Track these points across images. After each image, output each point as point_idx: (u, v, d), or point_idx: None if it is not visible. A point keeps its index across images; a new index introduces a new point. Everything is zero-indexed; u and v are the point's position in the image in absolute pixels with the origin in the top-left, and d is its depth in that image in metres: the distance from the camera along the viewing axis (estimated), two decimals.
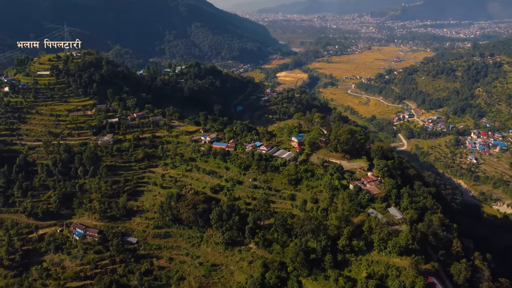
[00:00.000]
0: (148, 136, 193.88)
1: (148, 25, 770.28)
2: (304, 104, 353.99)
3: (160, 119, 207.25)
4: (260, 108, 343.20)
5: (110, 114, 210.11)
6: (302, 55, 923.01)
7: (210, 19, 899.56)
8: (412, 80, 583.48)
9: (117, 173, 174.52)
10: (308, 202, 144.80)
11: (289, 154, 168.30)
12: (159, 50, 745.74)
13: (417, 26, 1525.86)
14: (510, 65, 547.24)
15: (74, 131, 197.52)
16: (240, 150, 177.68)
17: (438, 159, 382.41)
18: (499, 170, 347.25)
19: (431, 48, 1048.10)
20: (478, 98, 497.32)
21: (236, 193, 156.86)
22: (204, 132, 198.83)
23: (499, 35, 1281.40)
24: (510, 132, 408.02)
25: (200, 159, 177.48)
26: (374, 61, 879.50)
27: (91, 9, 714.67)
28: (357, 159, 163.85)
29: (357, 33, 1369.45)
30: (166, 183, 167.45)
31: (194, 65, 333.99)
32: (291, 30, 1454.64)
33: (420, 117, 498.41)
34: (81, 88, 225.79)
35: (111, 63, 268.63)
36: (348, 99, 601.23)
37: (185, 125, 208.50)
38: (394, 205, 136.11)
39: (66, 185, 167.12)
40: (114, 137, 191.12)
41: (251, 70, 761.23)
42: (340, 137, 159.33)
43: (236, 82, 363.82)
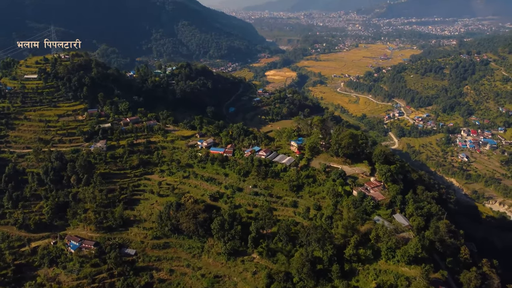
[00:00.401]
0: (143, 142, 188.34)
1: (135, 24, 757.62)
2: (296, 104, 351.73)
3: (154, 124, 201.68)
4: (252, 109, 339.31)
5: (102, 119, 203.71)
6: (290, 53, 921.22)
7: (197, 17, 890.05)
8: (401, 78, 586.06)
9: (111, 181, 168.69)
10: (311, 209, 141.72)
11: (289, 159, 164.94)
12: (146, 49, 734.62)
13: (403, 23, 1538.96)
14: (496, 62, 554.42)
15: (65, 138, 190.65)
16: (238, 155, 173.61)
17: (430, 157, 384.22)
18: (490, 168, 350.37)
19: (417, 45, 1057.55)
20: (467, 96, 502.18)
21: (236, 201, 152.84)
22: (200, 136, 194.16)
23: (483, 32, 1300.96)
24: (499, 129, 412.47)
25: (197, 165, 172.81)
26: (361, 58, 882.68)
27: (75, 8, 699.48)
28: (359, 163, 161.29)
29: (343, 30, 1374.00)
30: (163, 191, 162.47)
31: (185, 65, 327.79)
32: (278, 27, 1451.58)
33: (410, 115, 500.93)
34: (70, 92, 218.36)
35: (100, 65, 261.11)
36: (337, 98, 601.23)
37: (180, 130, 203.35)
38: (399, 212, 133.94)
39: (58, 194, 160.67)
40: (107, 143, 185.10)
41: (240, 69, 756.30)
42: (341, 142, 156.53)
43: (228, 83, 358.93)
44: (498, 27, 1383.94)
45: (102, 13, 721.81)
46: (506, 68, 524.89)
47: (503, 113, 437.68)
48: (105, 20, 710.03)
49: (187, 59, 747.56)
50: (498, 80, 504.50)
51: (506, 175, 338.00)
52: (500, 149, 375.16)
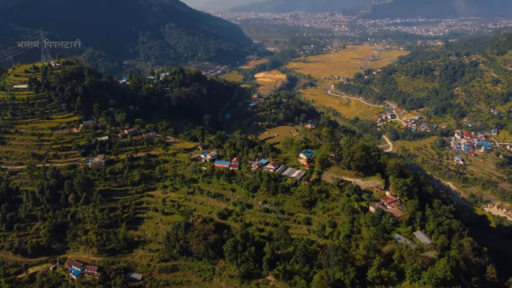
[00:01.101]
0: (143, 156, 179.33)
1: (121, 26, 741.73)
2: (292, 109, 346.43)
3: (153, 136, 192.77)
4: (248, 115, 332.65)
5: (98, 132, 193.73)
6: (279, 55, 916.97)
7: (184, 19, 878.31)
8: (391, 80, 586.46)
9: (112, 198, 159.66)
10: (327, 227, 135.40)
11: (299, 173, 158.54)
12: (133, 52, 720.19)
13: (388, 24, 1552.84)
14: (485, 64, 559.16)
15: (60, 152, 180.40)
16: (245, 169, 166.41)
17: (426, 161, 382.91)
18: (486, 171, 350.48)
19: (404, 46, 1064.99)
20: (458, 97, 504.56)
21: (246, 218, 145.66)
22: (203, 148, 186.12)
23: (466, 32, 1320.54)
24: (492, 131, 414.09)
25: (202, 180, 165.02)
26: (350, 60, 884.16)
27: (59, 10, 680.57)
28: (371, 176, 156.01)
29: (330, 31, 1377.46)
30: (167, 208, 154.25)
31: (178, 71, 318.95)
32: (264, 29, 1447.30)
33: (402, 117, 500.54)
34: (63, 103, 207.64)
35: (93, 72, 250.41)
36: (329, 100, 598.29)
37: (182, 141, 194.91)
38: (419, 229, 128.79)
39: (56, 214, 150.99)
40: (106, 158, 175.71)
41: (229, 72, 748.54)
42: (354, 154, 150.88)
43: (222, 88, 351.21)
44: (481, 28, 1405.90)
45: (87, 16, 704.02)
46: (495, 69, 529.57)
47: (495, 114, 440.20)
48: (90, 23, 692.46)
49: (175, 62, 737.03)
50: (488, 81, 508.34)
51: (503, 178, 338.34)
52: (495, 151, 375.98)
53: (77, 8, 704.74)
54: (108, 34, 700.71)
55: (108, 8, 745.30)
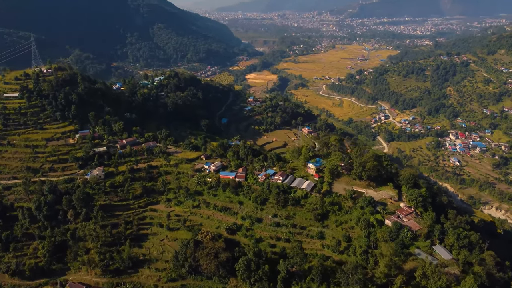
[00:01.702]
0: (144, 167, 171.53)
1: (108, 28, 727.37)
2: (289, 112, 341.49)
3: (154, 145, 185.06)
4: (245, 119, 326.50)
5: (96, 142, 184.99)
6: (269, 55, 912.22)
7: (173, 19, 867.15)
8: (383, 80, 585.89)
9: (113, 214, 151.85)
10: (342, 241, 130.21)
11: (308, 184, 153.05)
12: (121, 54, 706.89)
13: (375, 23, 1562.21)
14: (476, 64, 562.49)
15: (57, 165, 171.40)
16: (252, 180, 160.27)
17: (422, 162, 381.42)
18: (482, 172, 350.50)
19: (392, 45, 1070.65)
20: (450, 97, 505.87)
21: (256, 233, 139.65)
22: (206, 158, 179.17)
23: (452, 31, 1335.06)
24: (486, 131, 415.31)
25: (207, 193, 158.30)
26: (340, 60, 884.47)
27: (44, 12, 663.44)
28: (383, 186, 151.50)
29: (318, 31, 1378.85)
30: (172, 223, 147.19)
31: (173, 75, 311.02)
32: (253, 29, 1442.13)
33: (395, 118, 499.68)
34: (58, 112, 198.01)
35: (86, 79, 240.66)
36: (321, 101, 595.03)
37: (183, 151, 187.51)
38: (438, 243, 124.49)
39: (55, 233, 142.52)
40: (105, 170, 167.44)
41: (219, 73, 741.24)
42: (366, 164, 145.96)
43: (218, 92, 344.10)
44: (467, 27, 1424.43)
45: (73, 17, 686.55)
46: (486, 69, 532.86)
47: (488, 114, 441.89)
48: (77, 24, 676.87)
49: (165, 63, 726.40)
50: (479, 81, 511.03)
51: (499, 179, 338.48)
52: (490, 152, 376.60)
53: (62, 9, 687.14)
54: (95, 36, 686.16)
55: (94, 9, 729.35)
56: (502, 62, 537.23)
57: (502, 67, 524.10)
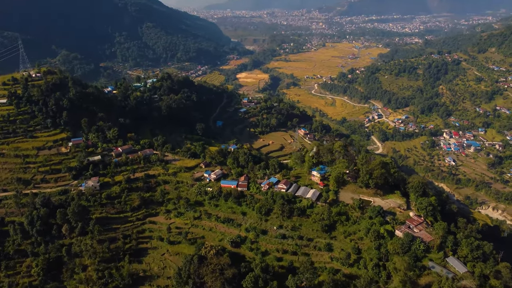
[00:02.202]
0: (141, 176, 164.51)
1: (96, 27, 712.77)
2: (284, 114, 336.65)
3: (150, 153, 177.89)
4: (240, 121, 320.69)
5: (90, 150, 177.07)
6: (260, 54, 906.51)
7: (162, 18, 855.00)
8: (375, 79, 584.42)
9: (111, 227, 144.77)
10: (351, 254, 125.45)
11: (313, 192, 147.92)
12: (110, 54, 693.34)
13: (364, 21, 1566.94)
14: (467, 62, 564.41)
15: (49, 176, 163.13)
16: (254, 189, 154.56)
17: (417, 162, 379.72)
18: (478, 172, 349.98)
19: (382, 43, 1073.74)
20: (443, 96, 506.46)
21: (262, 246, 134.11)
22: (205, 166, 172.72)
23: (440, 29, 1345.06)
24: (479, 130, 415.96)
25: (208, 203, 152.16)
26: (330, 58, 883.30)
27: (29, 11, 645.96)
28: (390, 194, 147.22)
29: (308, 29, 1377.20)
30: (173, 236, 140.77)
31: (166, 77, 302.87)
32: (242, 27, 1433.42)
33: (388, 117, 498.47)
34: (48, 119, 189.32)
35: (77, 83, 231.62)
36: (313, 100, 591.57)
37: (181, 159, 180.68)
38: (452, 254, 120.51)
39: (49, 249, 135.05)
40: (100, 180, 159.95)
41: (210, 72, 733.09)
42: (373, 172, 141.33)
43: (211, 93, 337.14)
44: (454, 24, 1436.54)
45: (60, 16, 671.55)
46: (478, 68, 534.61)
47: (481, 113, 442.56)
48: (64, 24, 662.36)
49: (154, 63, 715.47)
50: (471, 80, 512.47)
51: (495, 178, 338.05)
52: (484, 151, 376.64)
53: (47, 8, 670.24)
54: (82, 36, 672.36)
55: (80, 8, 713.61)
56: (493, 60, 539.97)
57: (493, 65, 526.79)
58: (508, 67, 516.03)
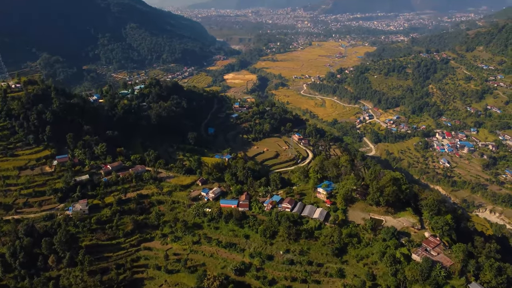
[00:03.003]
0: (134, 197, 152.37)
1: (78, 28, 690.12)
2: (277, 118, 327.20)
3: (143, 170, 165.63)
4: (232, 127, 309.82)
5: (76, 169, 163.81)
6: (246, 54, 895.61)
7: (146, 18, 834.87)
8: (365, 79, 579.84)
9: (102, 256, 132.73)
10: (366, 281, 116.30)
11: (320, 212, 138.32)
12: (93, 56, 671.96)
13: (349, 19, 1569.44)
14: (456, 61, 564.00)
15: (32, 199, 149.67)
16: (257, 209, 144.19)
17: (412, 164, 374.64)
18: (473, 173, 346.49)
19: (368, 42, 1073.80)
20: (433, 96, 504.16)
21: (268, 274, 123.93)
22: (202, 184, 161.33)
23: (425, 26, 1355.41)
24: (472, 130, 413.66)
25: (208, 226, 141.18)
26: (317, 57, 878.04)
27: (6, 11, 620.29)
28: (402, 212, 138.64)
29: (294, 28, 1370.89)
30: (171, 264, 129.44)
31: (154, 83, 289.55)
32: (227, 26, 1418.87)
33: (379, 117, 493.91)
34: (30, 134, 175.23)
35: (61, 92, 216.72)
36: (303, 101, 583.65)
37: (176, 175, 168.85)
38: (474, 280, 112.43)
39: (34, 283, 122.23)
40: (89, 203, 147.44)
41: (197, 73, 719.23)
42: (384, 190, 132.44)
43: (202, 99, 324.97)
44: (438, 21, 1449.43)
45: (40, 17, 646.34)
46: (466, 66, 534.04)
47: (472, 113, 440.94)
48: (44, 25, 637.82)
49: (139, 65, 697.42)
50: (460, 78, 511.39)
51: (491, 180, 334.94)
52: (478, 151, 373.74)
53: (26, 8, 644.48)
54: (64, 37, 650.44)
55: (61, 9, 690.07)
56: (481, 59, 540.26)
57: (482, 64, 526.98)
58: (496, 65, 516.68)
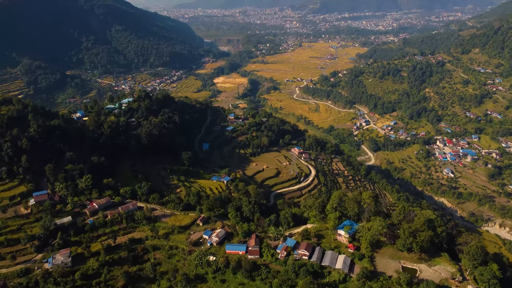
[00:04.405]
0: (125, 242, 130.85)
1: (60, 31, 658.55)
2: (275, 130, 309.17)
3: (134, 208, 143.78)
4: (227, 142, 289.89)
5: (57, 209, 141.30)
6: (236, 56, 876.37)
7: (132, 20, 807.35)
8: (359, 82, 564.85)
9: None
10: None
11: (344, 261, 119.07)
12: (77, 60, 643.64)
13: (337, 19, 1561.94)
14: (452, 63, 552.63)
15: (4, 249, 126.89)
16: (269, 257, 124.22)
17: (414, 175, 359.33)
18: (479, 184, 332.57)
19: (358, 42, 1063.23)
20: (430, 100, 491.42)
21: None
22: (203, 223, 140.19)
23: (413, 26, 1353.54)
24: (473, 137, 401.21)
25: (213, 278, 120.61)
26: (308, 59, 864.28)
27: None
28: (436, 257, 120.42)
29: (282, 28, 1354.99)
30: None
31: (143, 96, 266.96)
32: (215, 27, 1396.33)
33: (376, 123, 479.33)
34: (3, 167, 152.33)
35: (40, 111, 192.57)
36: (296, 106, 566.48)
37: (173, 213, 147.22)
38: None
39: None
40: (72, 252, 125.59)
41: (186, 77, 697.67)
42: (418, 234, 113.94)
43: (195, 111, 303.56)
44: (426, 21, 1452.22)
45: (20, 20, 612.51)
46: (463, 70, 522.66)
47: (472, 118, 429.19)
48: (24, 29, 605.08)
49: (126, 69, 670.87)
50: (458, 82, 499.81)
51: (498, 191, 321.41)
52: (482, 160, 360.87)
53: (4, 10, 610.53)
54: (46, 41, 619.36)
55: (43, 11, 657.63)
56: (478, 62, 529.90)
57: (479, 67, 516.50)
58: (494, 68, 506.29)
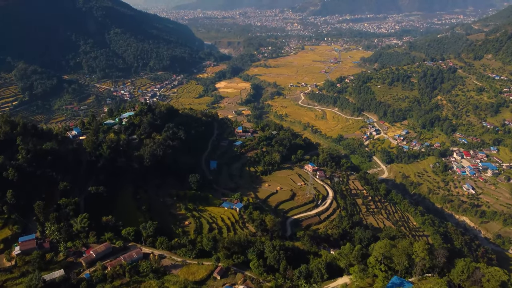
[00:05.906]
0: None
1: (57, 34, 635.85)
2: (286, 145, 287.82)
3: (139, 257, 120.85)
4: (236, 158, 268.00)
5: (48, 258, 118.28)
6: (238, 59, 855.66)
7: (131, 23, 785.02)
8: (367, 89, 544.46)
9: None
10: None
11: None
12: (74, 64, 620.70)
13: (338, 21, 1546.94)
14: (464, 69, 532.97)
15: None
16: None
17: (432, 190, 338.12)
18: (502, 201, 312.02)
19: (362, 45, 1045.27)
20: (443, 108, 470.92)
21: None
22: (221, 276, 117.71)
23: (416, 29, 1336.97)
24: (492, 149, 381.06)
25: None
26: (312, 63, 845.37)
27: None
28: None
29: (283, 30, 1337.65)
30: None
31: (145, 110, 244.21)
32: (215, 29, 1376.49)
33: (387, 132, 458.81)
34: None
35: (31, 131, 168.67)
36: (302, 113, 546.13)
37: (185, 261, 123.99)
38: None
39: None
40: None
41: (187, 82, 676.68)
42: None
43: (201, 125, 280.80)
44: (428, 23, 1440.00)
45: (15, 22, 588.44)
46: (477, 76, 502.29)
47: (489, 128, 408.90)
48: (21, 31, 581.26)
49: (125, 73, 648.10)
50: (471, 90, 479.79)
51: None
52: (504, 175, 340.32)
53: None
54: (42, 45, 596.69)
55: (39, 13, 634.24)
56: (491, 68, 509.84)
57: (493, 73, 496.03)
58: (509, 75, 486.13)
